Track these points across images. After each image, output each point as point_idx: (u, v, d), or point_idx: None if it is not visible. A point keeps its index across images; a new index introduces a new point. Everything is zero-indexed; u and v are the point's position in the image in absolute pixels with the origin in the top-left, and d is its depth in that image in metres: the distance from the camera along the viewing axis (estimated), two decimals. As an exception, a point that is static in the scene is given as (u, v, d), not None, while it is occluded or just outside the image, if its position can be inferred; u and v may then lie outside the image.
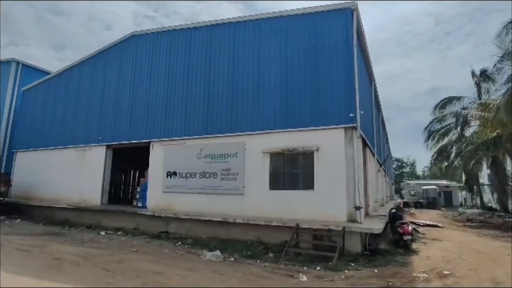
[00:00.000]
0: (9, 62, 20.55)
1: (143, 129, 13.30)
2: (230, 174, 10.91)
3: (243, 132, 10.96)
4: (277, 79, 10.69)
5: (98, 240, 10.01)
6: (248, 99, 11.06)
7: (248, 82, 11.17)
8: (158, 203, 12.30)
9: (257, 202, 10.34)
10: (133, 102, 13.84)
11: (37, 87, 18.10)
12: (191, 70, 12.52)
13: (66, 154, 15.68)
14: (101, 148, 14.49)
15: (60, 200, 15.08)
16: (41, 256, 7.38)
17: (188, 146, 11.95)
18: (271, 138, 10.48)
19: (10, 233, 10.77)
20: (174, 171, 12.06)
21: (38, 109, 17.69)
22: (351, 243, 8.51)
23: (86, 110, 15.47)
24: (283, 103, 10.46)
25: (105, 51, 15.49)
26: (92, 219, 13.31)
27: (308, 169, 9.83)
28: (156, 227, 11.58)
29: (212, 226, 10.44)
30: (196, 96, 12.15)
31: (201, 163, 11.48)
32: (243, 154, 10.81)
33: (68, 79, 16.70)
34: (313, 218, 9.42)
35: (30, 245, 8.64)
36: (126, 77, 14.35)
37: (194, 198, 11.50)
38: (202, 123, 11.80)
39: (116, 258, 7.44)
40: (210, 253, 8.30)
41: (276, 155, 10.39)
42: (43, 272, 6.08)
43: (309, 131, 9.95)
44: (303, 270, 7.08)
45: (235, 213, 10.47)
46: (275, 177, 10.32)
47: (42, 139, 16.94)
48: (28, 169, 17.23)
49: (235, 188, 10.73)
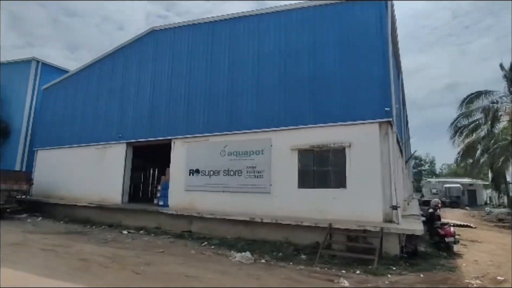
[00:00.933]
0: (29, 61, 20.70)
1: (164, 126, 13.00)
2: (255, 171, 10.48)
3: (269, 128, 10.49)
4: (306, 72, 10.17)
5: (121, 239, 9.76)
6: (274, 94, 10.59)
7: (274, 76, 10.69)
8: (180, 202, 11.98)
9: (285, 201, 9.88)
10: (154, 99, 13.57)
11: (57, 85, 18.10)
12: (213, 65, 12.12)
13: (86, 152, 15.58)
14: (121, 145, 14.29)
15: (81, 198, 14.99)
16: (67, 257, 7.12)
17: (211, 143, 11.57)
18: (299, 134, 9.99)
19: (34, 232, 10.65)
20: (196, 168, 11.71)
21: (58, 107, 17.68)
22: (388, 245, 7.97)
23: (106, 107, 15.31)
24: (312, 97, 9.94)
25: (125, 47, 15.27)
26: (113, 218, 13.12)
27: (340, 167, 9.30)
28: (178, 226, 11.27)
29: (237, 225, 10.05)
30: (219, 91, 11.76)
31: (225, 160, 11.08)
32: (269, 151, 10.35)
33: (87, 77, 16.59)
34: (345, 218, 8.90)
35: (55, 245, 8.44)
36: (146, 73, 14.09)
37: (217, 197, 11.12)
38: (226, 119, 11.40)
39: (143, 259, 7.11)
40: (239, 255, 7.89)
41: (304, 151, 9.89)
42: (71, 274, 5.79)
43: (341, 127, 9.41)
44: (341, 274, 6.59)
45: (261, 213, 10.05)
46: (304, 175, 9.83)
47: (62, 137, 16.91)
48: (48, 167, 17.24)
49: (261, 187, 10.29)
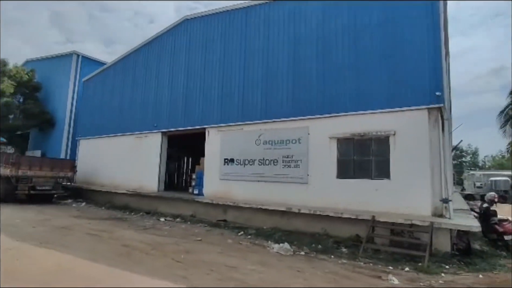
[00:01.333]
0: (70, 55, 21.63)
1: (198, 115, 13.00)
2: (292, 161, 10.16)
3: (306, 115, 10.09)
4: (346, 56, 9.59)
5: (159, 227, 9.93)
6: (312, 80, 10.13)
7: (311, 61, 10.21)
8: (214, 191, 12.00)
9: (323, 192, 9.51)
10: (188, 87, 13.59)
11: (96, 77, 18.76)
12: (248, 51, 11.83)
13: (124, 141, 16.07)
14: (156, 135, 14.54)
15: (120, 185, 15.55)
16: (111, 242, 7.31)
17: (246, 132, 11.39)
18: (339, 121, 9.50)
19: (79, 217, 11.17)
20: (231, 158, 11.61)
21: (97, 98, 18.35)
22: (437, 241, 7.37)
23: (141, 96, 15.62)
24: (353, 82, 9.37)
25: (158, 37, 15.39)
26: (150, 205, 13.47)
27: (383, 156, 8.73)
28: (213, 215, 11.30)
29: (273, 216, 9.85)
30: (253, 79, 11.48)
31: (260, 149, 10.86)
32: (306, 140, 9.98)
33: (124, 68, 17.00)
34: (388, 210, 8.39)
35: (99, 230, 8.74)
36: (180, 62, 14.12)
37: (252, 186, 10.97)
38: (261, 107, 11.12)
39: (182, 247, 7.13)
40: (277, 246, 7.71)
41: (344, 140, 9.40)
42: (115, 260, 5.89)
43: (384, 114, 8.79)
44: (389, 270, 6.18)
45: (297, 203, 9.76)
46: (343, 165, 9.37)
47: (101, 127, 17.57)
48: (90, 155, 18.06)
49: (298, 176, 9.97)
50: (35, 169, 14.11)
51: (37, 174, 14.14)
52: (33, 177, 14.01)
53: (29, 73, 22.06)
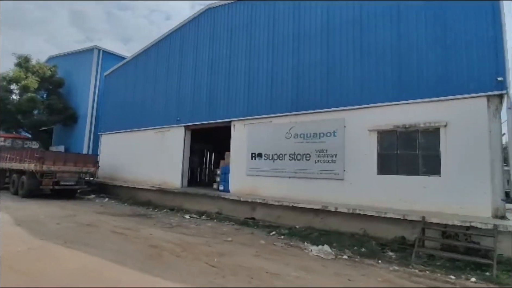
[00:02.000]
0: (92, 50, 21.54)
1: (223, 108, 12.42)
2: (326, 155, 9.41)
3: (342, 106, 9.29)
4: (387, 39, 8.70)
5: (186, 224, 9.44)
6: (348, 67, 9.30)
7: (348, 47, 9.37)
8: (241, 187, 11.41)
9: (361, 189, 8.73)
10: (212, 79, 13.02)
11: (117, 71, 18.52)
12: (276, 40, 11.10)
13: (146, 136, 15.74)
14: (179, 129, 14.08)
15: (142, 181, 15.26)
16: (137, 242, 6.84)
17: (275, 124, 10.70)
18: (379, 112, 8.65)
19: (103, 213, 10.85)
20: (259, 152, 10.97)
21: (119, 93, 18.12)
22: (499, 246, 6.47)
23: (164, 90, 15.20)
24: (396, 68, 8.48)
25: (181, 28, 14.86)
26: (174, 201, 13.06)
27: (432, 150, 7.84)
28: (240, 212, 10.72)
29: (306, 214, 9.16)
30: (283, 68, 10.75)
31: (291, 143, 10.16)
32: (342, 133, 9.19)
33: (145, 61, 16.63)
34: (438, 210, 7.54)
35: (124, 228, 8.32)
36: (203, 53, 13.55)
37: (282, 182, 10.30)
38: (292, 98, 10.39)
39: (214, 249, 6.56)
40: (315, 248, 7.03)
41: (386, 133, 8.55)
42: (144, 263, 5.38)
43: (434, 102, 7.88)
44: (451, 280, 5.38)
45: (332, 201, 9.04)
46: (385, 160, 8.54)
47: (123, 121, 17.33)
48: (112, 150, 17.90)
49: (333, 172, 9.22)
50: (59, 164, 13.97)
51: (61, 169, 14.01)
52: (57, 172, 13.89)
53: (51, 68, 22.17)
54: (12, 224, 8.13)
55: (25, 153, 14.52)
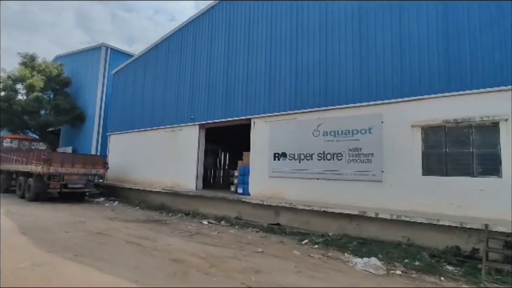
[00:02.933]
0: (99, 47, 20.84)
1: (241, 105, 11.54)
2: (361, 155, 8.47)
3: (379, 100, 8.35)
4: (432, 23, 7.74)
5: (206, 232, 8.56)
6: (385, 56, 8.36)
7: (384, 35, 8.43)
8: (263, 190, 10.52)
9: (403, 192, 7.78)
10: (228, 74, 12.15)
11: (126, 69, 17.77)
12: (300, 30, 10.19)
13: (157, 136, 14.94)
14: (193, 128, 13.24)
15: (153, 183, 14.47)
16: (157, 255, 5.97)
17: (301, 121, 9.79)
18: (423, 106, 7.70)
19: (114, 219, 10.04)
20: (283, 152, 10.06)
21: (128, 91, 17.36)
22: None
23: (176, 86, 14.39)
24: (443, 55, 7.52)
25: (194, 21, 14.04)
26: (188, 205, 12.22)
27: (490, 148, 6.87)
28: (262, 217, 9.83)
29: (338, 220, 8.23)
30: (308, 61, 9.85)
31: (320, 141, 9.24)
32: (379, 129, 8.24)
33: (155, 57, 15.85)
34: (498, 217, 6.56)
35: (139, 236, 7.47)
36: (218, 48, 12.70)
37: (310, 185, 9.39)
38: (320, 92, 9.48)
39: (246, 263, 5.67)
40: (361, 260, 6.11)
41: (431, 129, 7.60)
42: (168, 282, 4.51)
43: (491, 93, 6.90)
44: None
45: (369, 205, 8.13)
46: (431, 159, 7.58)
47: (133, 121, 16.57)
48: (121, 151, 17.15)
49: (369, 173, 8.28)
50: (67, 166, 13.22)
51: (69, 171, 13.25)
52: (65, 175, 13.14)
53: (58, 67, 21.53)
54: (16, 232, 7.34)
55: (32, 155, 13.81)
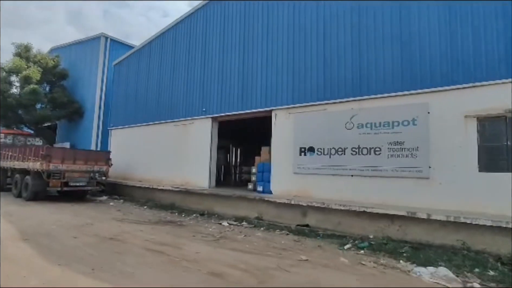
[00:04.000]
0: (98, 37, 19.68)
1: (260, 95, 10.59)
2: (403, 149, 7.61)
3: (425, 88, 7.47)
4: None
5: (231, 235, 7.66)
6: (432, 37, 7.47)
7: (431, 10, 7.54)
8: (287, 188, 9.63)
9: (455, 190, 6.94)
10: (245, 62, 11.18)
11: (128, 59, 16.69)
12: (327, 10, 9.27)
13: (165, 130, 13.95)
14: (205, 121, 12.27)
15: (161, 181, 13.50)
16: (189, 267, 5.05)
17: (331, 112, 8.89)
18: (479, 93, 6.83)
19: (123, 220, 9.10)
20: (310, 146, 9.17)
21: (131, 83, 16.29)
22: None
23: (185, 78, 13.38)
24: (503, 35, 6.66)
25: (205, 6, 13.01)
26: (201, 204, 11.31)
27: (561, 140, 6.06)
28: (286, 218, 8.97)
29: (377, 221, 7.38)
30: (339, 46, 8.93)
31: (354, 134, 8.36)
32: (426, 120, 7.38)
33: (161, 47, 14.79)
34: None
35: (159, 242, 6.54)
36: (233, 34, 11.71)
37: (343, 182, 8.52)
38: (352, 79, 8.58)
39: (297, 276, 4.79)
40: (425, 270, 5.26)
41: (488, 119, 6.75)
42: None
43: (563, 78, 6.08)
44: None
45: (413, 204, 7.31)
46: (488, 153, 6.74)
47: (137, 114, 15.54)
48: (124, 147, 16.11)
49: (414, 169, 7.42)
50: (68, 163, 12.19)
51: (70, 168, 12.23)
52: (66, 172, 12.11)
53: (54, 59, 20.33)
54: (17, 239, 6.36)
55: (29, 151, 12.74)
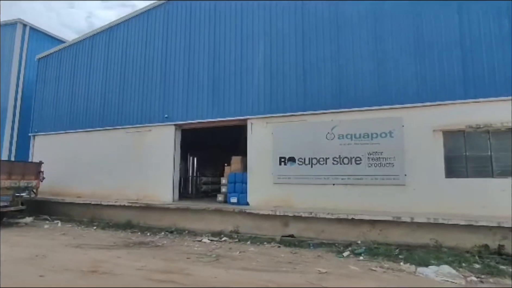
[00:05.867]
0: (14, 24, 16.35)
1: (234, 102, 10.26)
2: (382, 159, 8.31)
3: (399, 104, 8.33)
4: (450, 28, 8.07)
5: (224, 253, 7.14)
6: (404, 59, 8.39)
7: (402, 35, 8.47)
8: (267, 198, 9.50)
9: (427, 194, 7.88)
10: (216, 66, 10.70)
11: (60, 54, 14.29)
12: (307, 25, 9.57)
13: (113, 137, 12.32)
14: (167, 128, 11.26)
15: (109, 196, 11.89)
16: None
17: (311, 123, 9.15)
18: (445, 111, 7.93)
19: (82, 246, 7.67)
20: (290, 156, 9.25)
21: (65, 81, 13.95)
22: None
23: (140, 79, 12.08)
24: (462, 60, 7.88)
25: (164, 4, 12.01)
26: (164, 220, 10.32)
27: (506, 151, 7.44)
28: (266, 229, 8.85)
29: (358, 226, 7.91)
30: (318, 57, 9.31)
31: (335, 145, 8.76)
32: (400, 133, 8.22)
33: (108, 43, 13.09)
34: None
35: (157, 271, 5.65)
36: (202, 32, 11.07)
37: (324, 191, 8.82)
38: (332, 93, 9.01)
39: (335, 291, 4.72)
40: (429, 270, 5.82)
41: (451, 133, 7.89)
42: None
43: (504, 102, 7.50)
44: None
45: (392, 209, 8.07)
46: (452, 162, 7.86)
47: (73, 118, 13.38)
48: (52, 157, 13.56)
49: (391, 177, 8.16)
50: (-14, 178, 9.70)
51: (-11, 184, 9.75)
52: (-18, 190, 9.61)
53: None
54: (-42, 286, 4.73)
55: None
